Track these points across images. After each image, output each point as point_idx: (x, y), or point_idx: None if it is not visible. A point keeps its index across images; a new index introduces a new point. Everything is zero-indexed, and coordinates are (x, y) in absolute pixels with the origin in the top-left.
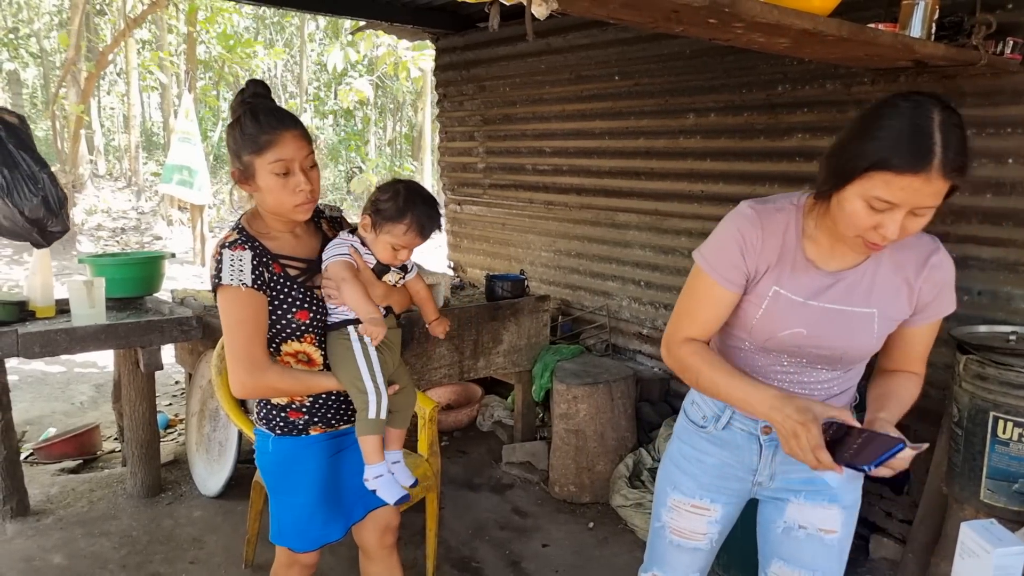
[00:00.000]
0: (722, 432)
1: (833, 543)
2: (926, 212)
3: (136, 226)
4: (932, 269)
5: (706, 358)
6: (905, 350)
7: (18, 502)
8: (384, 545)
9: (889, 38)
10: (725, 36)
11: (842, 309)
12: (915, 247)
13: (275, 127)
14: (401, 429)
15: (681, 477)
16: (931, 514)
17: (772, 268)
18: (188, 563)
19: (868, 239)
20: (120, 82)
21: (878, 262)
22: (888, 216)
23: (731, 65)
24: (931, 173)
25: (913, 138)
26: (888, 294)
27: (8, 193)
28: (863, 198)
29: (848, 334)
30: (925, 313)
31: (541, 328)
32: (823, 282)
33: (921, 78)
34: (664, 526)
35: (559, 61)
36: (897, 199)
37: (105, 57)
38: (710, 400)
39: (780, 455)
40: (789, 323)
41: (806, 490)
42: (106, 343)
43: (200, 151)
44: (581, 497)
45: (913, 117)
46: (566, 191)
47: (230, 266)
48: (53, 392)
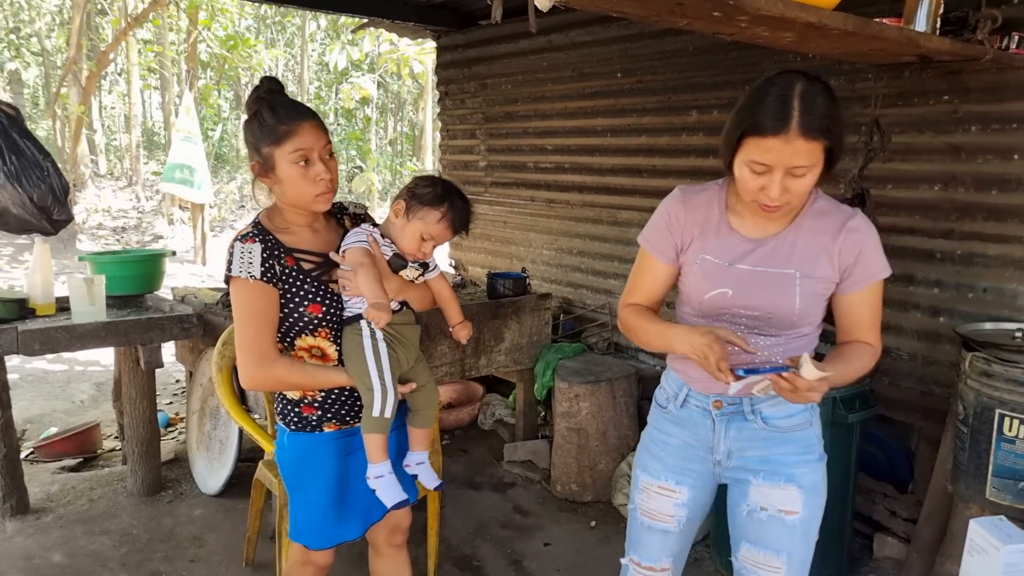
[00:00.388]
0: (681, 411)
1: (795, 524)
2: (803, 171)
3: (137, 225)
4: (849, 232)
5: (642, 314)
6: (849, 319)
7: (18, 500)
8: (393, 543)
9: (894, 32)
10: (729, 30)
11: (764, 270)
12: (834, 214)
13: (293, 118)
14: (424, 429)
15: (649, 459)
16: (936, 513)
17: (697, 238)
18: (188, 561)
19: (760, 201)
20: (121, 81)
21: (799, 229)
22: (768, 178)
23: (734, 62)
24: (790, 134)
25: (773, 104)
26: (808, 257)
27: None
28: (745, 164)
29: (770, 293)
30: (853, 277)
31: (543, 326)
32: (745, 247)
33: (926, 73)
34: (637, 508)
35: (561, 58)
36: (768, 160)
37: (106, 56)
38: (672, 380)
39: (733, 431)
40: (716, 283)
41: (764, 470)
42: (106, 340)
43: (201, 150)
44: (583, 496)
45: (777, 88)
46: (568, 189)
47: (240, 258)
48: (54, 390)
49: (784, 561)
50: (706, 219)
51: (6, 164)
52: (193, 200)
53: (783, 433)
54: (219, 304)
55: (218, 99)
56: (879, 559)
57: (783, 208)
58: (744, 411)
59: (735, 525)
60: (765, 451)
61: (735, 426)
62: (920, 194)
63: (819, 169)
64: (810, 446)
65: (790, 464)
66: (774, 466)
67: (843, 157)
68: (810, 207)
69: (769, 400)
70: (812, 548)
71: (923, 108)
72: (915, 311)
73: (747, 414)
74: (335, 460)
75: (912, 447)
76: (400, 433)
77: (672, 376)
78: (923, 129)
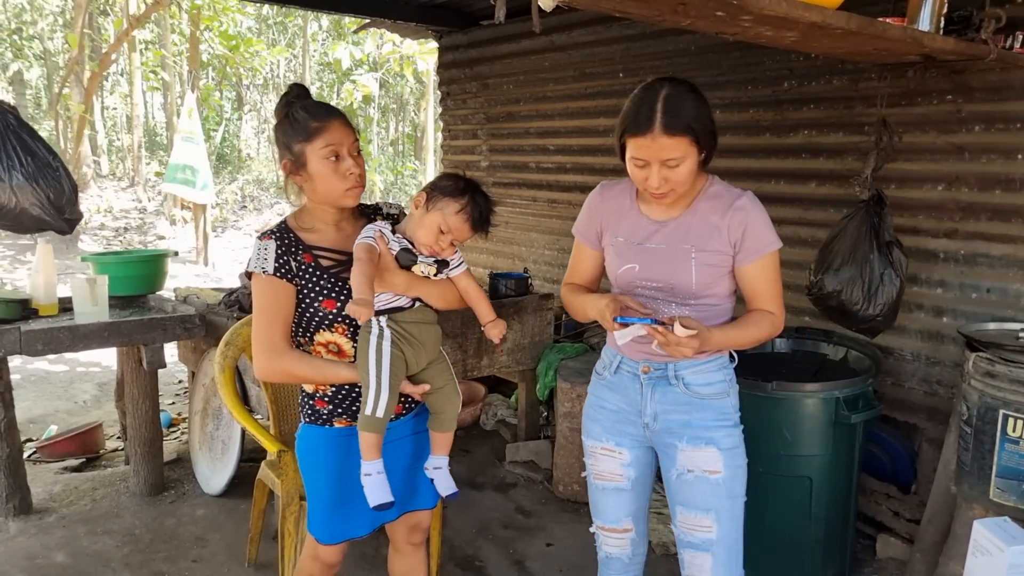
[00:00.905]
0: (614, 377)
1: (719, 482)
2: (675, 163)
3: (139, 225)
4: (736, 210)
5: (573, 291)
6: (748, 289)
7: (21, 500)
8: (411, 542)
9: (898, 32)
10: (732, 30)
11: (665, 247)
12: (725, 196)
13: (324, 116)
14: (444, 433)
15: (590, 424)
16: (939, 513)
17: (612, 224)
18: (191, 561)
19: (648, 190)
20: (123, 82)
21: (695, 211)
22: (647, 170)
23: (736, 61)
24: (654, 132)
25: (639, 109)
26: (702, 233)
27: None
28: (630, 160)
29: (670, 266)
30: (744, 251)
31: (545, 327)
32: (651, 228)
33: (929, 73)
34: (590, 473)
35: (563, 58)
36: (642, 155)
37: (108, 57)
38: (608, 351)
39: (658, 394)
40: (625, 260)
41: (687, 434)
42: (109, 341)
43: (203, 150)
44: (585, 496)
45: (643, 94)
46: (570, 189)
47: (257, 254)
48: (56, 391)
49: (713, 519)
50: (619, 207)
51: (23, 165)
52: (195, 200)
53: (703, 400)
54: (221, 305)
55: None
56: (882, 560)
57: (670, 195)
58: (668, 376)
59: (669, 493)
60: (686, 415)
61: (660, 390)
62: (924, 194)
63: (693, 159)
64: (726, 413)
65: (709, 428)
66: (695, 430)
67: (712, 145)
68: (705, 191)
69: (690, 368)
70: (740, 507)
71: (927, 108)
72: (918, 311)
73: (671, 379)
74: (341, 456)
75: (915, 447)
76: (421, 437)
77: (607, 348)
78: (927, 129)
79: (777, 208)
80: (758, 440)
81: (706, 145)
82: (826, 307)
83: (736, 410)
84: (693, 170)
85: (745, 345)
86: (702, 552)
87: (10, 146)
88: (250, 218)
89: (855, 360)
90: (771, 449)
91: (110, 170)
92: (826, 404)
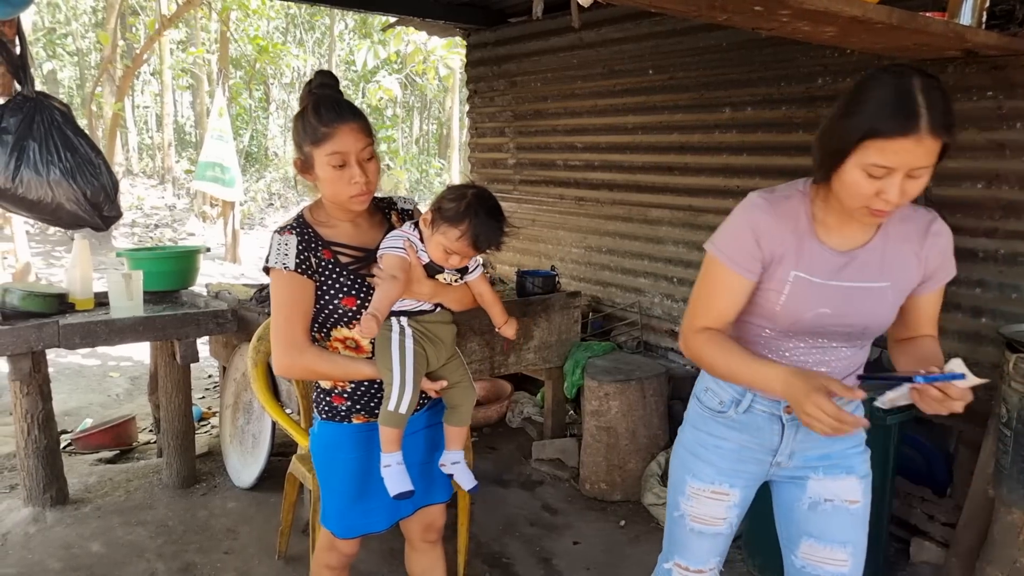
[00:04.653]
0: (743, 416)
1: (859, 512)
2: (921, 173)
3: (169, 222)
4: (935, 236)
5: (722, 345)
6: (918, 317)
7: (58, 491)
8: (427, 539)
9: (940, 27)
10: (769, 25)
11: (860, 285)
12: (915, 219)
13: (333, 120)
14: (459, 427)
15: (698, 464)
16: (976, 517)
17: (788, 253)
18: (223, 553)
19: (873, 207)
20: (154, 81)
21: (885, 238)
22: (887, 181)
23: (769, 58)
24: (920, 134)
25: (898, 104)
26: (898, 266)
27: (72, 176)
28: (861, 168)
29: (868, 308)
30: (933, 280)
31: (572, 325)
32: (838, 261)
33: (969, 68)
34: (684, 515)
35: (592, 56)
36: (892, 163)
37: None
38: (726, 385)
39: (802, 433)
40: (813, 304)
41: (823, 465)
42: (144, 335)
43: (232, 148)
44: (612, 495)
45: (895, 85)
46: (598, 187)
47: (276, 249)
48: (90, 384)
49: (850, 553)
50: (796, 231)
51: (62, 161)
52: (224, 198)
53: None
54: (253, 300)
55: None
56: (916, 564)
57: (890, 213)
58: None
59: (793, 522)
60: (827, 448)
61: (804, 428)
62: (963, 192)
63: (932, 169)
64: (860, 437)
65: (848, 456)
66: (834, 460)
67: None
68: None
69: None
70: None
71: (967, 104)
72: (956, 311)
73: None
74: (360, 451)
75: (951, 450)
76: (435, 431)
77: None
78: (966, 125)
79: None
80: None
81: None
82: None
83: (865, 433)
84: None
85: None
86: None
87: (52, 142)
88: (277, 215)
89: (890, 361)
90: None
91: (141, 167)
92: (861, 405)
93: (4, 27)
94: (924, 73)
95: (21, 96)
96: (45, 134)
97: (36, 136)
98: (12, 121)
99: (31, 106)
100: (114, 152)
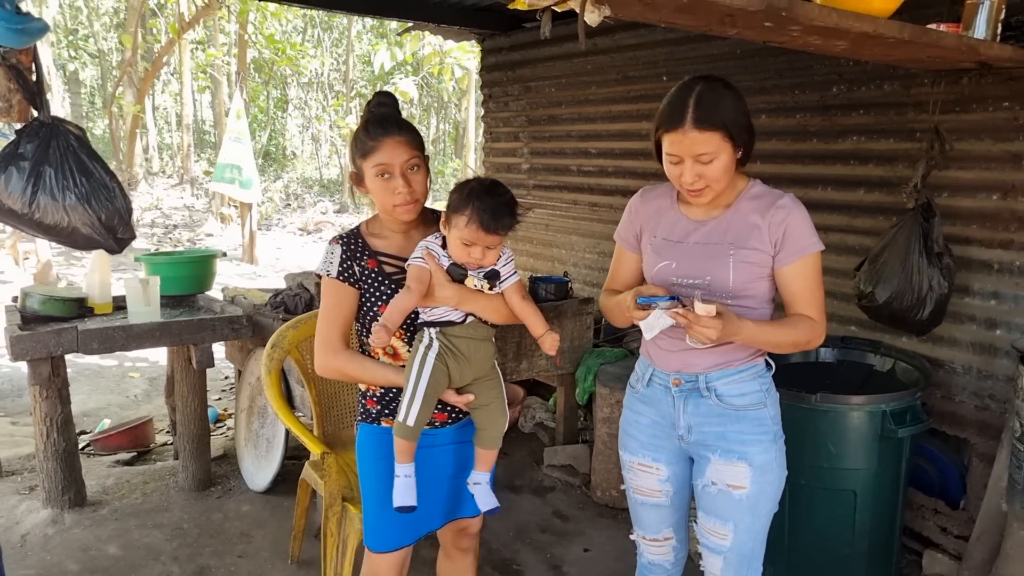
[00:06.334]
0: (647, 390)
1: (742, 497)
2: (708, 158)
3: (188, 223)
4: (777, 209)
5: (609, 295)
6: (787, 292)
7: (76, 493)
8: (460, 547)
9: (953, 40)
10: (780, 39)
11: (703, 244)
12: (766, 197)
13: (379, 134)
14: (488, 450)
15: (626, 439)
16: (989, 531)
17: (651, 224)
18: (236, 557)
19: (683, 187)
20: (173, 81)
21: (736, 211)
22: (681, 167)
23: (783, 66)
24: (685, 127)
25: (672, 105)
26: (742, 232)
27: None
28: (665, 156)
29: (707, 264)
30: (785, 251)
31: (584, 331)
32: (690, 227)
33: (985, 80)
34: (629, 487)
35: (606, 62)
36: (675, 151)
37: (161, 59)
38: (641, 362)
39: (691, 406)
40: (663, 257)
41: (720, 447)
42: (160, 340)
43: (250, 150)
44: (623, 502)
45: (677, 91)
46: (611, 193)
47: (325, 258)
48: (108, 385)
49: (731, 529)
50: (659, 208)
51: (77, 186)
52: (242, 199)
53: (737, 411)
54: (268, 306)
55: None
56: None
57: (706, 192)
58: (700, 388)
59: (696, 496)
60: (721, 427)
61: (692, 402)
62: (978, 203)
63: (727, 155)
64: (763, 426)
65: (744, 442)
66: (729, 443)
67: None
68: (746, 192)
69: (722, 379)
70: (762, 520)
71: (982, 115)
72: (970, 323)
73: (702, 391)
74: (386, 452)
75: (964, 462)
76: (464, 448)
77: (641, 359)
78: (981, 136)
79: (824, 215)
80: (801, 452)
81: (741, 142)
82: (876, 315)
83: (775, 422)
84: (728, 167)
85: (781, 347)
86: (715, 555)
87: (67, 167)
88: (294, 216)
89: (903, 372)
90: (815, 461)
91: (160, 168)
92: (872, 417)
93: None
94: (711, 80)
95: (37, 122)
96: (61, 159)
97: (52, 161)
98: (29, 147)
99: (47, 131)
100: (134, 153)
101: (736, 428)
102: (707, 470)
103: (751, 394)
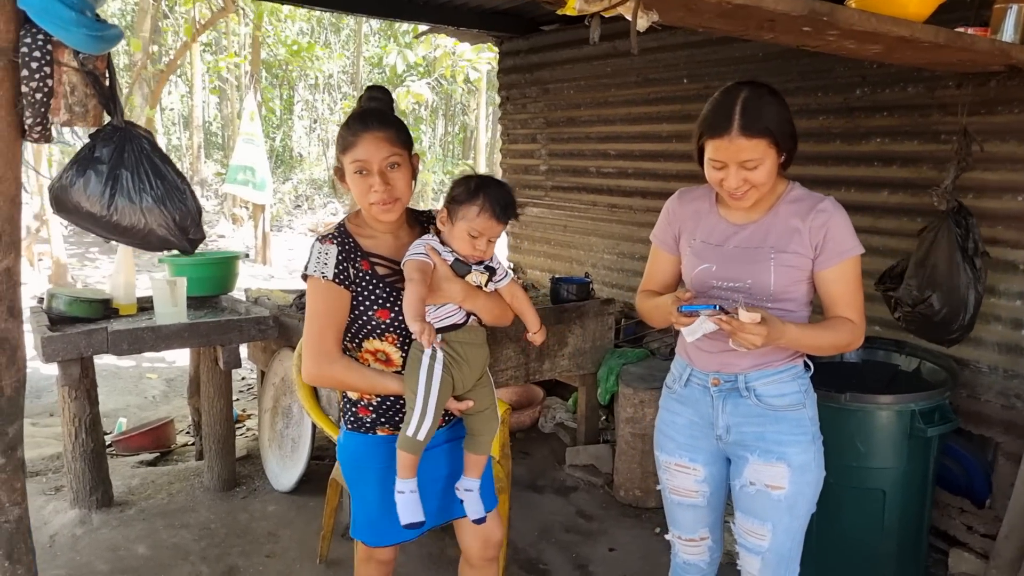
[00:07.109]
0: (685, 390)
1: (780, 498)
2: (753, 164)
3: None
4: (818, 212)
5: (647, 297)
6: (827, 296)
7: (103, 493)
8: (486, 557)
9: (986, 44)
10: (815, 43)
11: (744, 248)
12: (807, 200)
13: (358, 130)
14: (480, 455)
15: (663, 439)
16: (1016, 529)
17: (691, 227)
18: (264, 556)
19: (726, 192)
20: (181, 83)
21: (776, 215)
22: (725, 172)
23: (806, 68)
24: (731, 134)
25: (717, 111)
26: (783, 235)
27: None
28: (708, 161)
29: (747, 267)
30: (825, 254)
31: (606, 331)
32: (730, 231)
33: (1012, 81)
34: (665, 487)
35: (626, 64)
36: (720, 157)
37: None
38: (678, 362)
39: (729, 406)
40: (703, 260)
41: (759, 447)
42: (188, 341)
43: (263, 152)
44: (647, 502)
45: (722, 97)
46: (631, 194)
47: (316, 258)
48: (127, 386)
49: (769, 529)
50: (698, 211)
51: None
52: (255, 201)
53: (776, 412)
54: (292, 306)
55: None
56: (955, 575)
57: (750, 196)
58: (739, 388)
59: (733, 496)
60: (760, 428)
61: (731, 402)
62: (1003, 204)
63: (772, 161)
64: (802, 426)
65: (783, 443)
66: (768, 444)
67: (791, 147)
68: (786, 196)
69: (761, 379)
70: (800, 520)
71: (1008, 117)
72: (996, 323)
73: (742, 391)
74: (385, 463)
75: (989, 460)
76: (455, 445)
77: (678, 359)
78: (1007, 138)
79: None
80: (829, 451)
81: (785, 147)
82: (917, 321)
83: (814, 423)
84: (772, 171)
85: (822, 350)
86: (753, 555)
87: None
88: (304, 217)
89: (929, 372)
90: (843, 460)
91: None
92: (901, 417)
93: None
94: (756, 86)
95: (111, 126)
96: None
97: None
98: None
99: (120, 136)
100: None
101: (775, 428)
102: (745, 470)
103: (790, 395)
